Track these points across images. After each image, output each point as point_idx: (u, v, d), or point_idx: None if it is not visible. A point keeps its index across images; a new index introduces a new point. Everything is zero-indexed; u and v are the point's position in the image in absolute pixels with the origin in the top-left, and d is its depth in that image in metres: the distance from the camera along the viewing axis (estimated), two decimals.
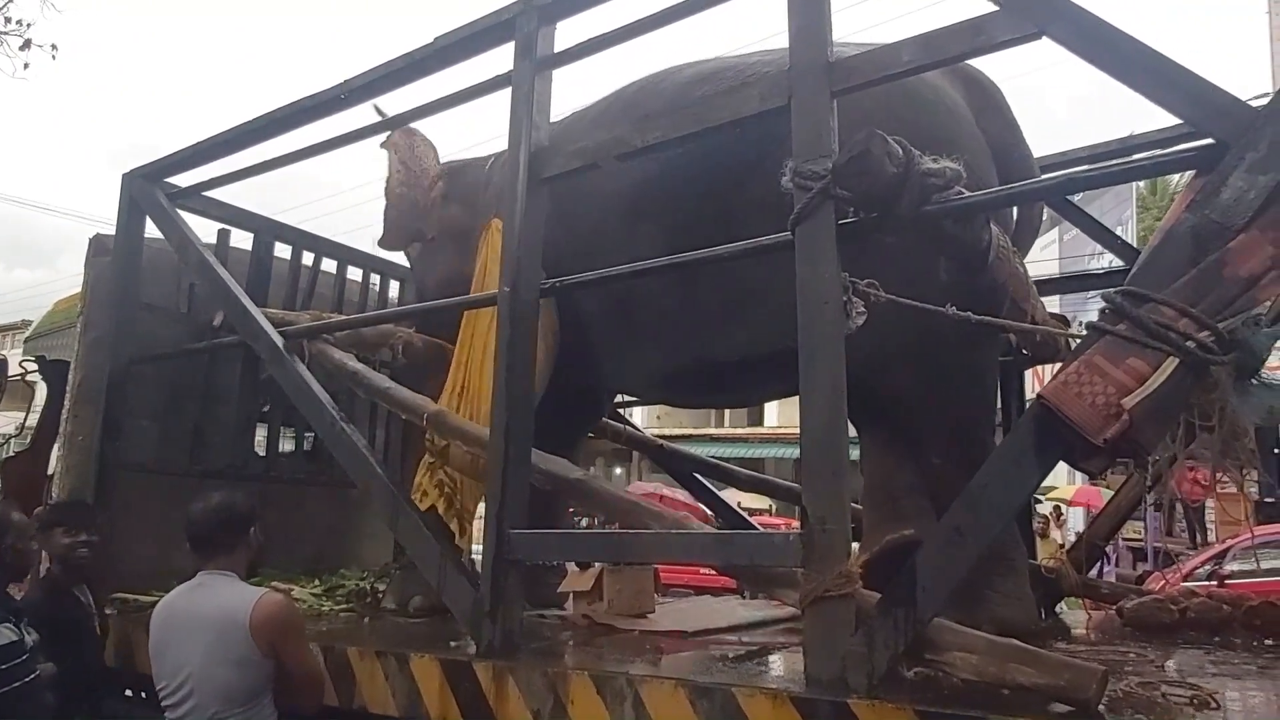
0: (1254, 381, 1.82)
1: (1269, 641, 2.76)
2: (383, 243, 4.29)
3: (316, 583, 4.16)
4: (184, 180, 4.21)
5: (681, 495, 7.77)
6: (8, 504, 3.13)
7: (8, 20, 7.61)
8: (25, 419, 4.90)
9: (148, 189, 4.12)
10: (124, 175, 4.21)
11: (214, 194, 4.33)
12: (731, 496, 6.78)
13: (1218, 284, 1.71)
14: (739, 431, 21.05)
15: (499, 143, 3.15)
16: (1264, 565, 8.22)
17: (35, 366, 4.83)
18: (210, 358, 4.30)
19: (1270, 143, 1.73)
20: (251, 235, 4.51)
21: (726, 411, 22.08)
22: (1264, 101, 1.87)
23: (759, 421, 20.90)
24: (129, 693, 3.37)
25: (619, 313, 3.34)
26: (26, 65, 7.67)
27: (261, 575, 3.74)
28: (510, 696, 2.38)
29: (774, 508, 14.73)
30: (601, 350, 3.51)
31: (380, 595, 3.82)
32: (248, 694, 2.34)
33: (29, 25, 7.78)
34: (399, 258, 4.69)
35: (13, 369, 5.14)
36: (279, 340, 3.48)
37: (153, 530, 3.91)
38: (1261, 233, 1.71)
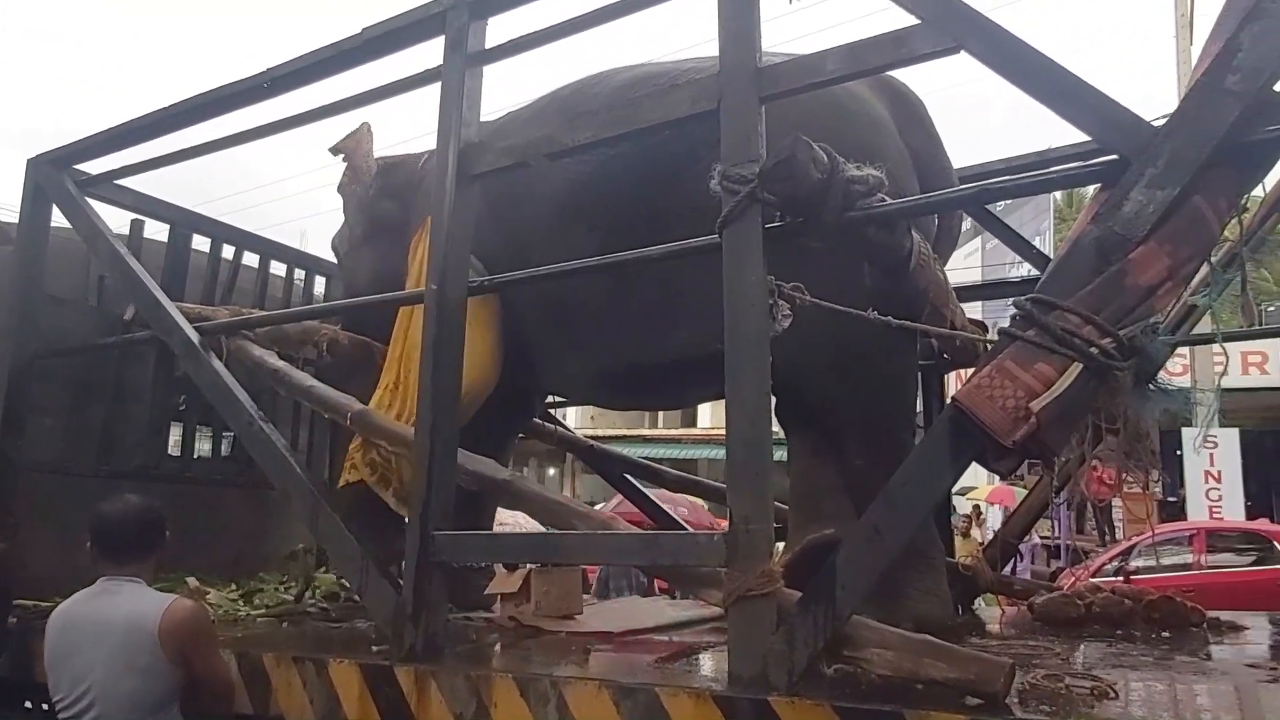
0: (1151, 387, 1.92)
1: (1166, 634, 2.89)
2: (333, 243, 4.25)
3: (234, 587, 4.03)
4: (95, 167, 4.03)
5: None
6: None
7: None
8: None
9: (55, 175, 3.92)
10: (29, 161, 4.00)
11: (132, 183, 4.15)
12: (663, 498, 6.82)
13: (1119, 293, 1.79)
14: (672, 433, 21.18)
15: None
16: (1165, 561, 8.67)
17: None
18: (121, 353, 4.11)
19: (1168, 159, 1.82)
20: (168, 227, 4.33)
21: (660, 413, 22.21)
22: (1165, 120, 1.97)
23: (692, 423, 21.07)
24: (28, 704, 3.21)
25: (551, 314, 3.34)
26: None
27: (175, 579, 3.61)
28: (432, 701, 2.34)
29: (707, 509, 14.85)
30: (533, 351, 3.50)
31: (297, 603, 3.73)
32: (155, 703, 2.26)
33: None
34: (326, 253, 4.58)
35: None
36: (194, 336, 3.35)
37: (57, 534, 3.72)
38: (1159, 245, 1.79)
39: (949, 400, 1.91)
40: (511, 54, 2.95)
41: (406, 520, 2.71)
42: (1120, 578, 6.75)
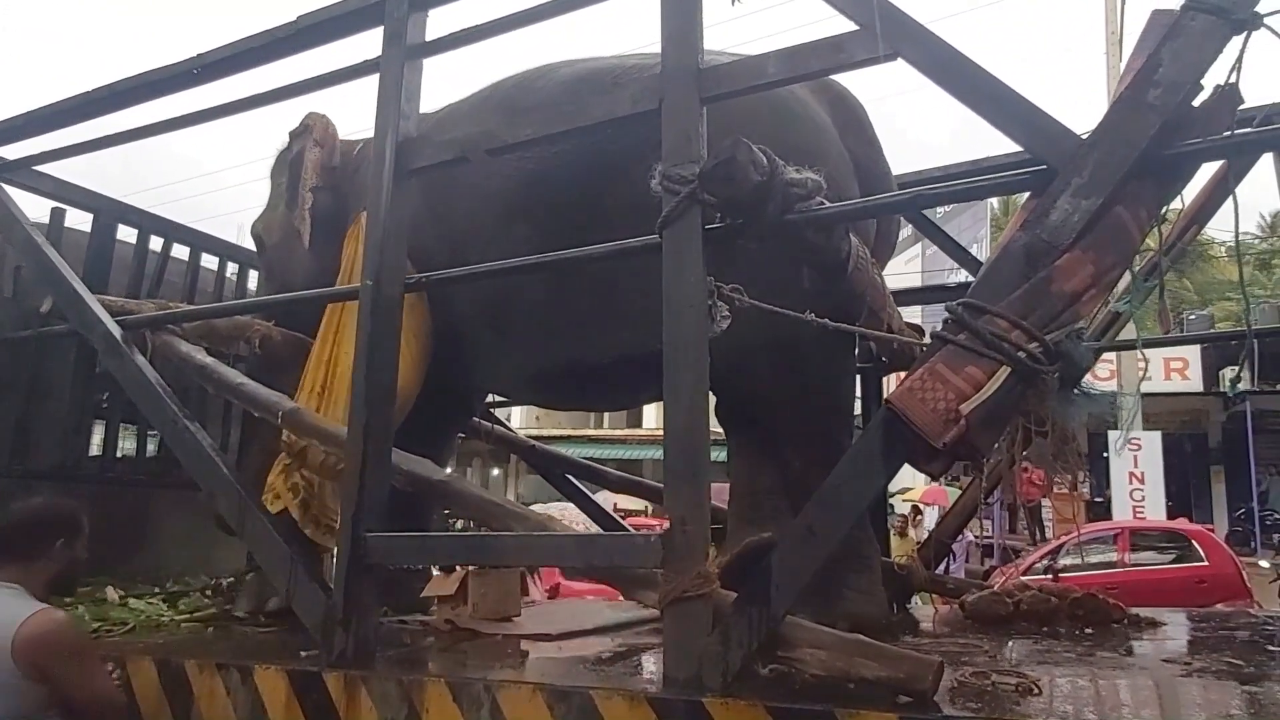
0: (1077, 391, 1.97)
1: (1090, 630, 2.98)
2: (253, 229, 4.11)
3: (157, 590, 3.88)
4: (13, 152, 3.84)
5: None
6: None
7: None
8: None
9: None
10: None
11: (55, 170, 3.98)
12: (607, 499, 6.82)
13: (1046, 299, 1.83)
14: (617, 433, 21.18)
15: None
16: (1091, 559, 8.96)
17: None
18: (37, 347, 3.94)
19: (1093, 170, 1.87)
20: (91, 216, 4.16)
21: (605, 414, 22.19)
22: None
23: (638, 423, 21.09)
24: None
25: (490, 313, 3.29)
26: None
27: (95, 585, 3.47)
28: (362, 707, 2.29)
29: (649, 509, 14.87)
30: (471, 351, 3.44)
31: (227, 603, 3.60)
32: None
33: None
34: None
35: None
36: (116, 330, 3.23)
37: None
38: (1084, 252, 1.84)
39: (883, 402, 1.93)
40: (453, 47, 2.89)
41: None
42: (1049, 576, 6.98)
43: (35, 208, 4.00)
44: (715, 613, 1.98)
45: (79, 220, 4.23)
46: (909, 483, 14.79)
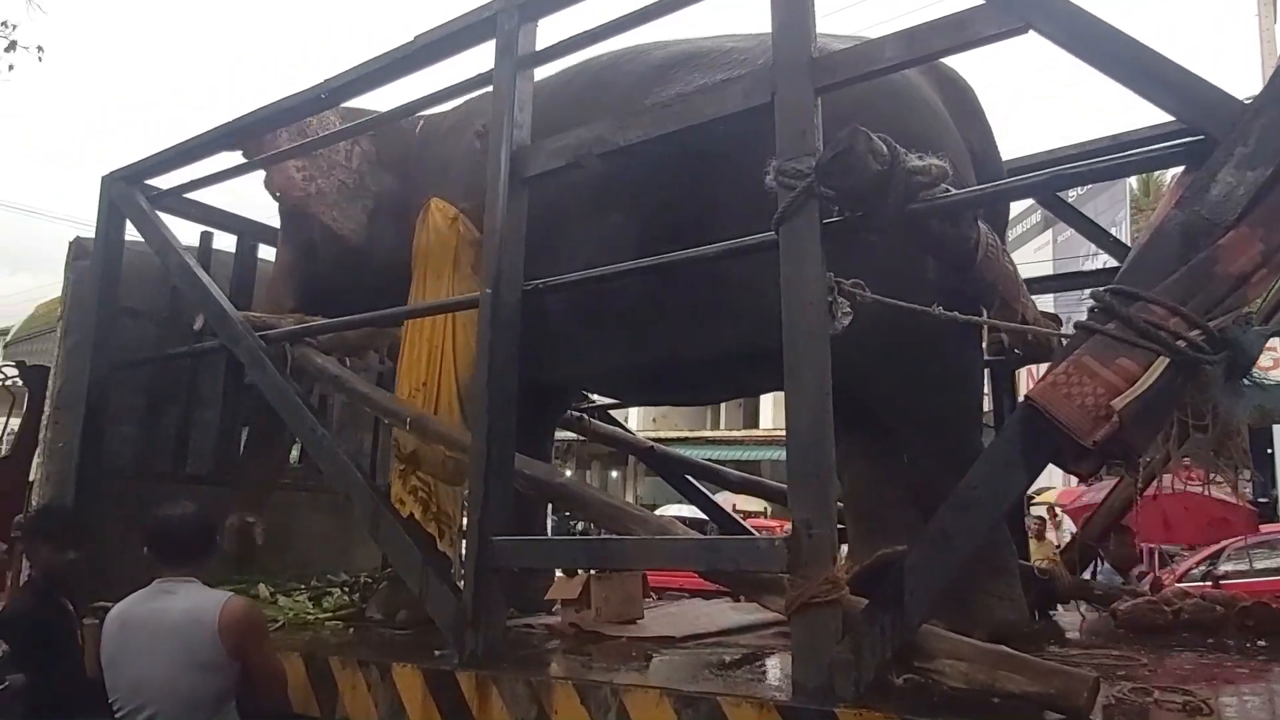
0: (1245, 381, 1.79)
1: (1262, 643, 2.72)
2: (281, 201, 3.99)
3: (302, 588, 4.11)
4: (165, 182, 4.16)
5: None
6: None
7: None
8: (6, 423, 4.84)
9: (127, 191, 4.06)
10: (103, 178, 4.15)
11: (201, 196, 4.28)
12: (727, 500, 6.76)
13: (1208, 282, 1.67)
14: (734, 434, 21.02)
15: None
16: (1258, 565, 8.21)
17: (16, 372, 4.77)
18: (193, 362, 4.24)
19: (1259, 137, 1.70)
20: (235, 238, 4.45)
21: (722, 414, 22.10)
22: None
23: (754, 424, 20.90)
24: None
25: (582, 308, 3.19)
26: (11, 68, 7.58)
27: (246, 585, 3.70)
28: (494, 706, 2.34)
29: (769, 510, 14.70)
30: (561, 346, 3.33)
31: (363, 606, 3.77)
32: (213, 699, 2.31)
33: (14, 27, 7.70)
34: None
35: None
36: (259, 345, 3.43)
37: (134, 537, 3.85)
38: (1251, 229, 1.67)
39: (1023, 398, 1.81)
40: (561, 55, 2.94)
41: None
42: (1209, 582, 6.43)
43: (186, 232, 4.33)
44: (845, 620, 1.91)
45: (224, 242, 4.54)
46: (1046, 483, 13.99)
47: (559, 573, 3.54)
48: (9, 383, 4.84)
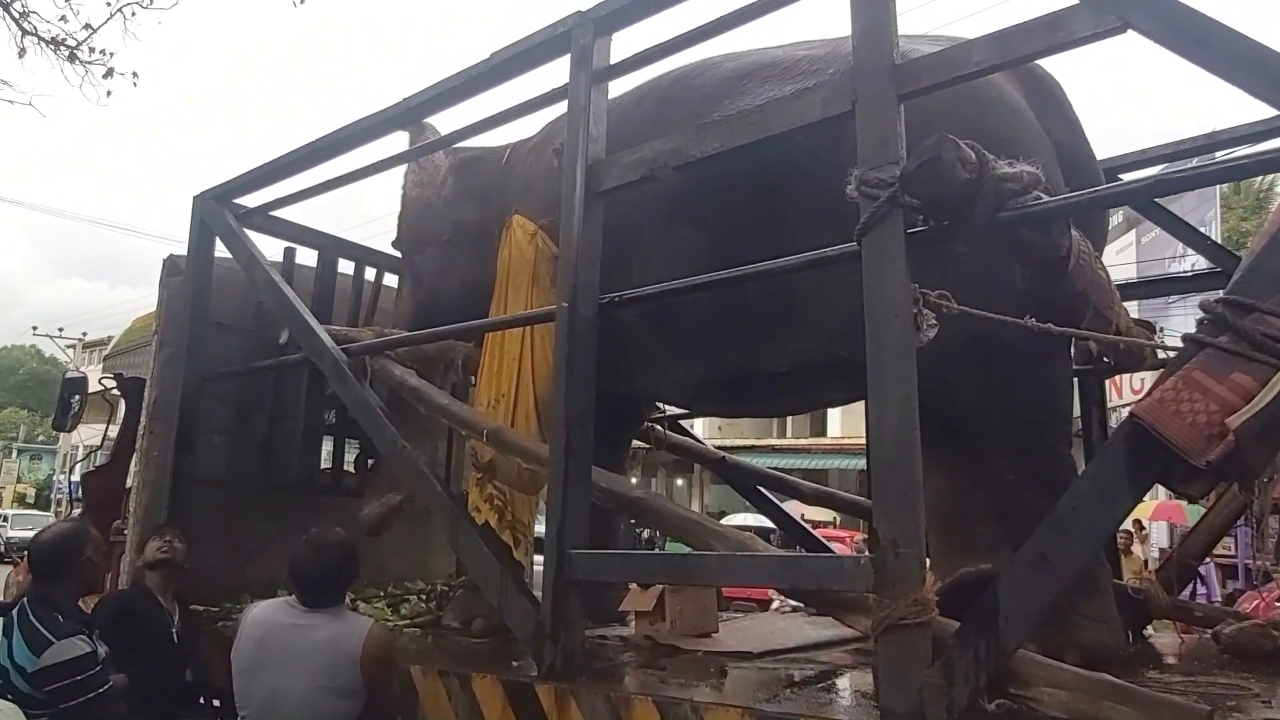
0: None
1: None
2: (396, 244, 4.30)
3: (381, 595, 4.19)
4: (251, 201, 4.31)
5: None
6: (85, 520, 3.23)
7: (91, 50, 7.90)
8: (105, 431, 5.07)
9: (217, 210, 4.23)
10: (194, 197, 4.33)
11: (285, 212, 4.42)
12: (794, 509, 6.67)
13: None
14: (801, 442, 20.71)
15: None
16: None
17: (114, 383, 4.99)
18: (277, 373, 4.38)
19: None
20: (316, 253, 4.59)
21: (789, 423, 21.79)
22: None
23: (822, 432, 20.55)
24: (217, 703, 3.41)
25: (655, 319, 3.18)
26: (109, 94, 7.94)
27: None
28: (573, 719, 2.34)
29: (838, 520, 14.45)
30: (634, 358, 3.34)
31: (440, 614, 3.83)
32: None
33: (111, 55, 8.08)
34: None
35: (93, 385, 5.34)
36: (341, 357, 3.51)
37: (224, 542, 4.00)
38: None
39: (1128, 415, 1.73)
40: (635, 69, 2.94)
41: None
42: None
43: (271, 248, 4.48)
44: (935, 642, 1.85)
45: (306, 257, 4.68)
46: None
47: (633, 585, 3.52)
48: (108, 394, 5.07)
